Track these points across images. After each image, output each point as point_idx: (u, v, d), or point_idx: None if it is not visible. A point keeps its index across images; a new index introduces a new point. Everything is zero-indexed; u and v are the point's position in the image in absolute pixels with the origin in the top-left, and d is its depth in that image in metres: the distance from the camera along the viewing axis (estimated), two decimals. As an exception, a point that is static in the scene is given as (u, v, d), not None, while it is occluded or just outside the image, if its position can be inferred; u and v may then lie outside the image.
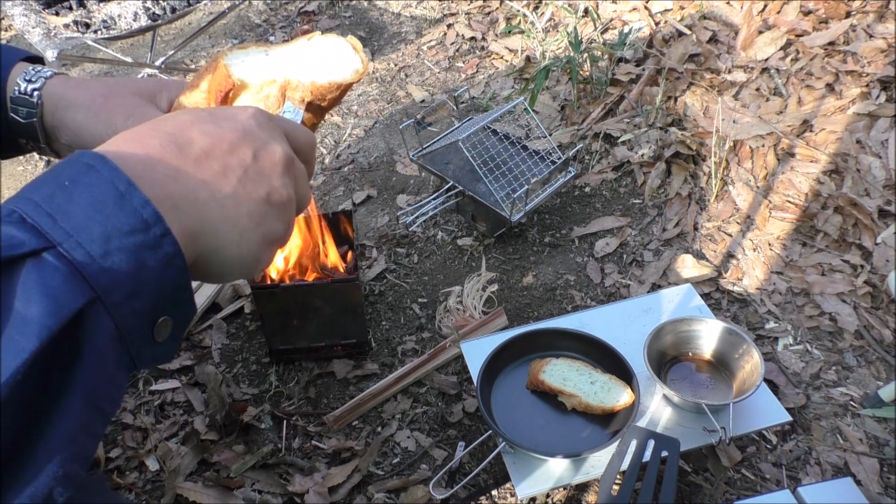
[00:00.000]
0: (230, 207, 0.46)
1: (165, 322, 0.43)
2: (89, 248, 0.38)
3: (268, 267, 0.52)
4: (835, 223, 1.60)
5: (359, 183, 2.03)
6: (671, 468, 1.05)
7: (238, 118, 0.49)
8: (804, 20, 1.92)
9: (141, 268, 0.40)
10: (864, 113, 1.68)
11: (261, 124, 0.50)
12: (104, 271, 0.38)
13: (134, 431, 1.41)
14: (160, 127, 0.46)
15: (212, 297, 1.64)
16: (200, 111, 0.49)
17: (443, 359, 1.48)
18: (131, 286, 0.40)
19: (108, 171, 0.40)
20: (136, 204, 0.40)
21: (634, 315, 1.41)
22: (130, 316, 0.40)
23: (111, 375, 0.41)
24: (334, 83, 0.64)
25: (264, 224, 0.48)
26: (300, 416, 1.42)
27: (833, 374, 1.40)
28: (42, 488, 0.37)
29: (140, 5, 2.04)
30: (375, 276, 1.72)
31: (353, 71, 0.65)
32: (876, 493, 1.20)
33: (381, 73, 2.51)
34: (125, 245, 0.39)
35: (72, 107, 0.66)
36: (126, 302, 0.40)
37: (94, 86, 0.67)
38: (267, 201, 0.48)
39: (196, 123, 0.47)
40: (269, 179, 0.48)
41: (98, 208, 0.39)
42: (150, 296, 0.41)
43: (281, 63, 0.64)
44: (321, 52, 0.65)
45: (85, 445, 0.40)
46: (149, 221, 0.40)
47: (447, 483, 1.24)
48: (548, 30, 2.44)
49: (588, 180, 1.92)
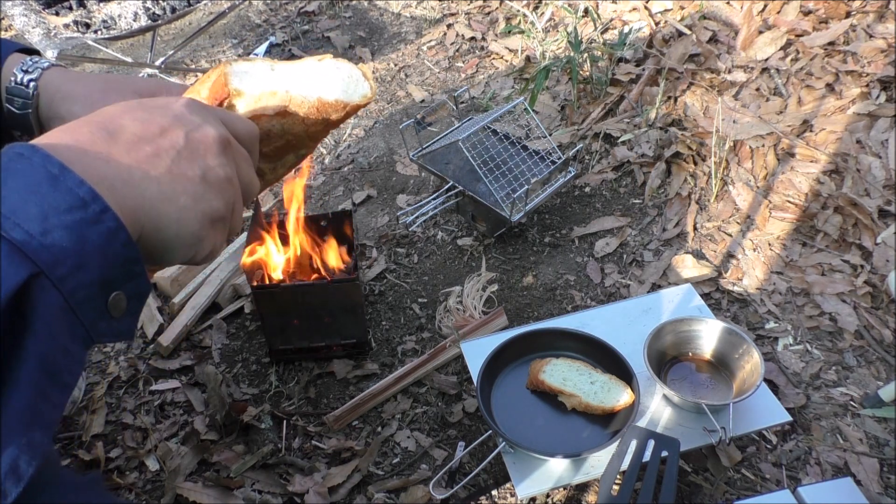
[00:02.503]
0: (166, 185, 0.47)
1: (118, 297, 0.45)
2: (27, 227, 0.39)
3: (216, 250, 0.53)
4: (835, 223, 1.60)
5: (359, 183, 2.03)
6: (671, 468, 1.05)
7: (169, 106, 0.51)
8: (804, 20, 1.92)
9: (83, 243, 0.41)
10: (864, 113, 1.68)
11: (192, 110, 0.51)
12: (45, 248, 0.40)
13: (134, 431, 1.41)
14: (91, 118, 0.47)
15: (212, 297, 1.64)
16: (131, 102, 0.51)
17: (443, 359, 1.48)
18: (75, 260, 0.41)
19: (39, 158, 0.42)
20: (70, 184, 0.42)
21: (634, 315, 1.41)
22: (79, 289, 0.42)
23: (65, 347, 0.42)
24: (341, 102, 0.64)
25: (202, 201, 0.50)
26: (300, 416, 1.42)
27: (833, 374, 1.40)
28: (7, 459, 0.38)
29: (140, 5, 2.04)
30: (375, 276, 1.72)
31: (361, 95, 0.66)
32: (876, 493, 1.20)
33: (381, 73, 2.51)
34: (64, 222, 0.41)
35: (68, 99, 0.66)
36: (72, 275, 0.41)
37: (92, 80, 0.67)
38: (203, 180, 0.50)
39: (127, 112, 0.49)
40: (203, 159, 0.50)
41: (33, 190, 0.41)
42: (96, 269, 0.42)
43: (286, 78, 0.64)
44: (330, 73, 0.66)
45: (45, 414, 0.41)
46: (86, 199, 0.42)
47: (447, 483, 1.24)
48: (548, 30, 2.44)
49: (588, 180, 1.92)
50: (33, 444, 0.40)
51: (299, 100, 0.63)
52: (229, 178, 0.52)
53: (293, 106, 0.63)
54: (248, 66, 0.64)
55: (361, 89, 0.66)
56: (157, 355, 1.55)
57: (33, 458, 0.39)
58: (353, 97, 0.65)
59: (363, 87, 0.66)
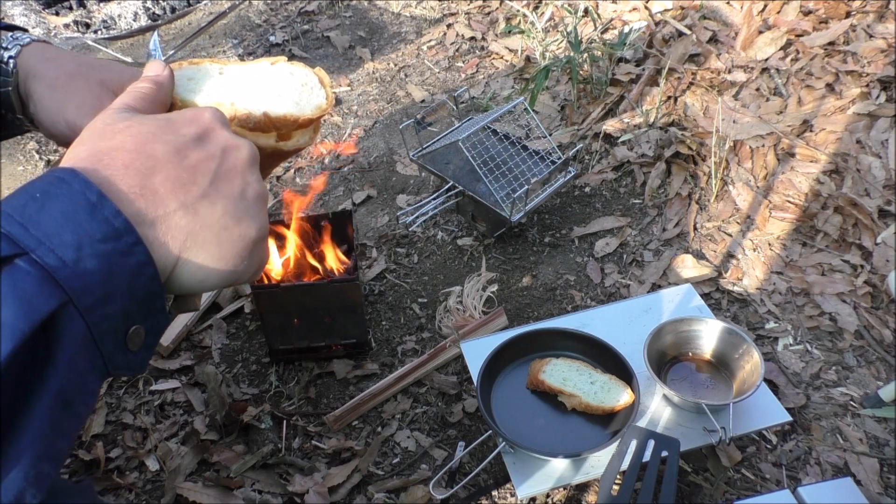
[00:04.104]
0: (203, 211, 0.46)
1: (138, 331, 0.44)
2: (61, 254, 0.39)
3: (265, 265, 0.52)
4: (835, 223, 1.60)
5: (359, 183, 2.03)
6: (671, 468, 1.05)
7: (198, 122, 0.49)
8: (804, 20, 1.92)
9: (113, 274, 0.41)
10: (864, 113, 1.68)
11: (223, 123, 0.50)
12: (76, 276, 0.39)
13: (134, 431, 1.41)
14: (121, 144, 0.45)
15: (212, 297, 1.64)
16: (160, 121, 0.48)
17: (443, 359, 1.48)
18: (104, 291, 0.41)
19: (80, 184, 0.41)
20: (107, 214, 0.41)
21: (634, 315, 1.41)
22: (103, 320, 0.41)
23: (84, 378, 0.42)
24: (291, 116, 0.57)
25: (244, 220, 0.48)
26: (300, 416, 1.42)
27: (833, 374, 1.40)
28: (13, 489, 0.37)
29: (140, 5, 2.04)
30: (375, 276, 1.72)
31: (315, 107, 0.59)
32: (876, 493, 1.20)
33: (381, 73, 2.51)
34: (97, 251, 0.40)
35: (37, 78, 0.64)
36: (98, 306, 0.41)
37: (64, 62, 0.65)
38: (242, 197, 0.48)
39: (157, 135, 0.46)
40: (242, 175, 0.48)
41: (70, 217, 0.40)
42: (122, 302, 0.42)
43: (234, 86, 0.58)
44: (283, 80, 0.59)
45: (56, 446, 0.41)
46: (120, 230, 0.41)
47: (447, 483, 1.24)
48: (548, 30, 2.44)
49: (588, 180, 1.92)
50: (41, 477, 0.39)
51: (244, 114, 0.56)
52: (265, 192, 0.51)
53: (238, 122, 0.56)
54: (194, 71, 0.58)
55: (316, 99, 0.59)
56: (157, 355, 1.55)
57: (39, 492, 0.39)
58: (306, 109, 0.58)
59: (318, 97, 0.59)
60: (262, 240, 0.50)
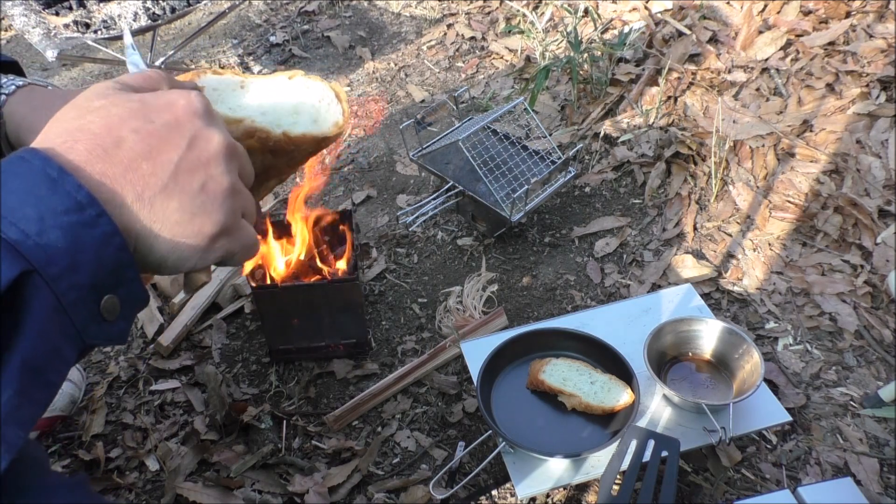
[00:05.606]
0: (158, 205, 0.46)
1: (112, 301, 0.45)
2: (24, 227, 0.40)
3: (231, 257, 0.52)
4: (835, 223, 1.60)
5: (359, 183, 2.03)
6: (671, 468, 1.05)
7: (172, 109, 0.48)
8: (804, 20, 1.92)
9: (78, 244, 0.42)
10: (864, 113, 1.68)
11: (197, 112, 0.48)
12: (40, 247, 0.40)
13: (134, 431, 1.41)
14: (88, 126, 0.45)
15: (212, 297, 1.64)
16: (132, 100, 0.47)
17: (443, 359, 1.48)
18: (69, 261, 0.41)
19: (40, 161, 0.42)
20: (69, 188, 0.42)
21: (634, 315, 1.41)
22: (71, 290, 0.42)
23: (55, 347, 0.42)
24: (309, 135, 0.57)
25: (199, 216, 0.47)
26: (300, 416, 1.42)
27: (833, 374, 1.40)
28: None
29: (140, 5, 2.04)
30: (375, 276, 1.72)
31: (332, 124, 0.58)
32: (876, 493, 1.20)
33: (381, 73, 2.51)
34: (60, 223, 0.41)
35: (28, 131, 0.64)
36: (65, 276, 0.41)
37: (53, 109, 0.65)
38: (202, 191, 0.47)
39: (126, 120, 0.46)
40: (205, 168, 0.48)
41: (31, 192, 0.41)
42: (89, 271, 0.43)
43: (252, 102, 0.57)
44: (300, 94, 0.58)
45: (23, 411, 0.41)
46: (83, 203, 0.42)
47: (447, 483, 1.24)
48: (548, 30, 2.44)
49: (588, 180, 1.92)
50: (9, 440, 0.40)
51: (263, 133, 0.56)
52: (233, 187, 0.49)
53: (257, 139, 0.56)
54: (218, 81, 0.58)
55: (333, 115, 0.58)
56: (157, 355, 1.55)
57: (7, 453, 0.40)
58: (324, 127, 0.58)
59: (335, 113, 0.58)
60: (221, 233, 0.49)
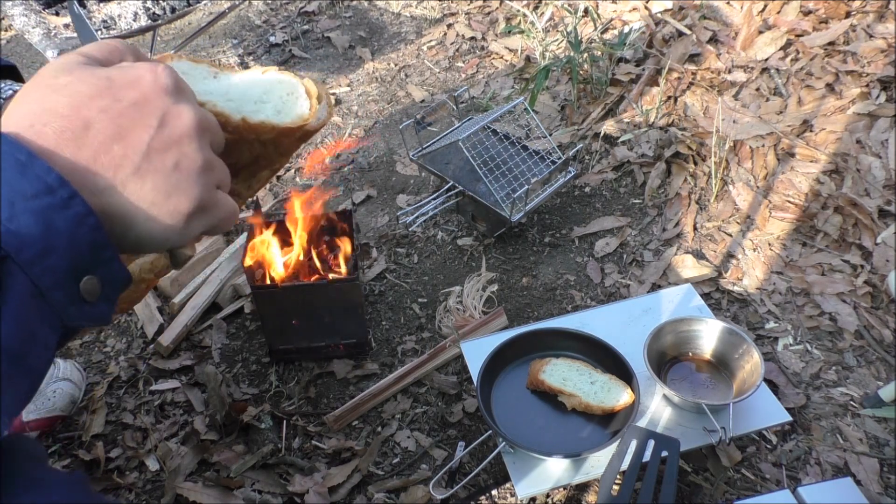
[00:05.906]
0: (132, 187, 0.45)
1: (91, 282, 0.44)
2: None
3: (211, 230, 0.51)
4: (835, 223, 1.60)
5: (359, 183, 2.03)
6: (671, 468, 1.05)
7: (139, 85, 0.46)
8: (804, 20, 1.92)
9: (51, 227, 0.41)
10: (864, 113, 1.68)
11: (166, 88, 0.47)
12: (11, 233, 0.40)
13: (134, 431, 1.41)
14: (55, 106, 0.44)
15: (212, 297, 1.64)
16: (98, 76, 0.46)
17: (443, 359, 1.48)
18: (42, 245, 0.41)
19: (7, 146, 0.41)
20: (38, 171, 0.41)
21: (634, 315, 1.41)
22: (46, 273, 0.41)
23: (33, 331, 0.42)
24: (268, 123, 0.57)
25: (175, 194, 0.47)
26: (300, 416, 1.42)
27: (833, 374, 1.40)
28: None
29: (140, 5, 2.04)
30: (375, 276, 1.72)
31: (296, 115, 0.58)
32: (876, 493, 1.20)
33: (381, 73, 2.51)
34: (31, 207, 0.40)
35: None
36: (39, 260, 0.41)
37: None
38: (176, 170, 0.46)
39: (94, 99, 0.45)
40: (178, 146, 0.47)
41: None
42: (64, 254, 0.42)
43: (221, 89, 0.58)
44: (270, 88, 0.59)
45: (7, 398, 0.41)
46: (53, 185, 0.41)
47: (447, 483, 1.24)
48: (548, 30, 2.44)
49: (588, 180, 1.92)
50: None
51: (223, 117, 0.55)
52: (208, 162, 0.48)
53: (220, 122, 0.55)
54: (190, 67, 0.58)
55: (299, 109, 0.58)
56: (157, 355, 1.55)
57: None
58: (286, 118, 0.57)
59: (301, 107, 0.58)
60: (198, 210, 0.48)
